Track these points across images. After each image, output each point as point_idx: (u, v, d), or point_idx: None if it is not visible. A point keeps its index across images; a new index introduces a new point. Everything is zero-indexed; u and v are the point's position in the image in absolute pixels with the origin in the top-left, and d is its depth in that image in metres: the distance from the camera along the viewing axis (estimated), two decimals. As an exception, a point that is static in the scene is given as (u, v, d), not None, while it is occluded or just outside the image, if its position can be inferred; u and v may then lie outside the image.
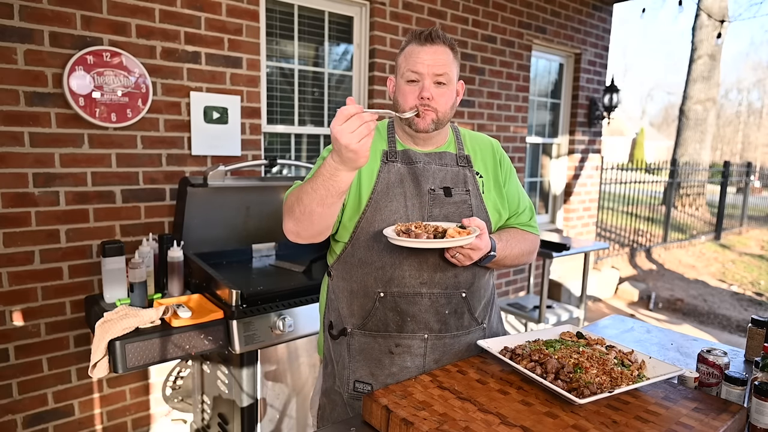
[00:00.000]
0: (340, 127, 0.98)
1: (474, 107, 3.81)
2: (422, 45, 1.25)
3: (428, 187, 1.30)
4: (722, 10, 10.11)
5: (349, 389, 1.33)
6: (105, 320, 1.72)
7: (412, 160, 1.32)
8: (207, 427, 2.28)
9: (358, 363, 1.32)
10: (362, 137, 0.99)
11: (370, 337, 1.30)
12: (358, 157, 1.01)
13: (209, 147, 2.58)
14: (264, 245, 2.58)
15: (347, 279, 1.33)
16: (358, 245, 1.30)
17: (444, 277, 1.29)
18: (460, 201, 1.32)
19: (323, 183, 1.09)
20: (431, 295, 1.28)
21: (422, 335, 1.28)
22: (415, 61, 1.24)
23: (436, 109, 1.26)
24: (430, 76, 1.24)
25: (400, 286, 1.27)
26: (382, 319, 1.29)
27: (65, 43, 2.14)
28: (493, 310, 1.45)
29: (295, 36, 3.00)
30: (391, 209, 1.28)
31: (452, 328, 1.31)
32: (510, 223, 1.45)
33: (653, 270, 6.84)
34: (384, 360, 1.29)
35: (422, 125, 1.27)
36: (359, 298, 1.31)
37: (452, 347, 1.31)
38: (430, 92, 1.24)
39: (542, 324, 3.50)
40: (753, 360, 1.38)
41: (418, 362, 1.29)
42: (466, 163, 1.37)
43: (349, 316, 1.33)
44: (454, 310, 1.31)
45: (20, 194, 2.13)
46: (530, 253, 1.44)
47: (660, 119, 37.82)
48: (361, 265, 1.30)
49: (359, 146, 0.99)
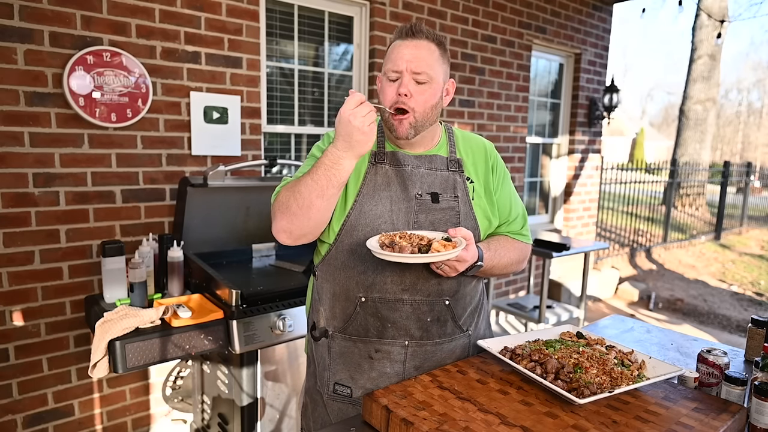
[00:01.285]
0: (353, 110, 1.03)
1: (474, 107, 3.81)
2: (404, 39, 1.21)
3: (415, 192, 1.26)
4: (722, 10, 10.12)
5: (329, 391, 1.32)
6: (105, 320, 1.72)
7: (400, 162, 1.28)
8: (207, 427, 2.28)
9: (338, 366, 1.30)
10: (372, 121, 1.04)
11: (351, 342, 1.28)
12: (367, 140, 1.06)
13: (209, 147, 2.58)
14: (264, 245, 2.58)
15: (330, 281, 1.31)
16: (341, 248, 1.27)
17: (427, 285, 1.25)
18: (448, 208, 1.28)
19: (325, 172, 1.11)
20: (413, 302, 1.25)
21: (403, 342, 1.26)
22: (395, 57, 1.20)
23: (414, 108, 1.19)
24: (408, 72, 1.18)
25: (381, 291, 1.24)
26: (362, 324, 1.27)
27: (65, 43, 2.14)
28: (481, 316, 1.42)
29: (295, 36, 3.00)
30: (375, 213, 1.24)
31: (434, 336, 1.28)
32: (501, 231, 1.40)
33: (653, 270, 6.84)
34: (363, 365, 1.28)
35: (400, 130, 1.22)
36: (341, 301, 1.29)
37: (434, 354, 1.29)
38: (408, 89, 1.18)
39: (542, 324, 3.50)
40: (753, 360, 1.38)
41: (397, 368, 1.27)
42: (457, 168, 1.32)
43: (331, 319, 1.31)
44: (437, 318, 1.28)
45: (20, 194, 2.13)
46: (519, 262, 1.39)
47: (660, 119, 37.83)
48: (343, 268, 1.27)
49: (370, 129, 1.04)
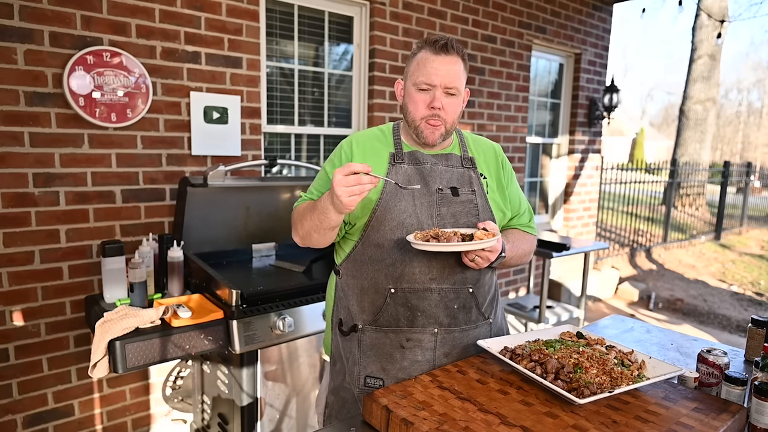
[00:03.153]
0: (340, 177, 1.10)
1: (474, 107, 3.81)
2: (437, 54, 1.27)
3: (436, 187, 1.34)
4: (722, 10, 10.11)
5: (360, 385, 1.35)
6: (105, 320, 1.72)
7: (419, 161, 1.35)
8: (207, 427, 2.28)
9: (369, 359, 1.35)
10: (353, 195, 1.11)
11: (382, 333, 1.33)
12: (343, 207, 1.13)
13: (209, 147, 2.58)
14: (264, 245, 2.58)
15: (357, 276, 1.37)
16: (368, 244, 1.33)
17: (452, 273, 1.32)
18: (467, 201, 1.36)
19: (317, 215, 1.23)
20: (440, 291, 1.31)
21: (432, 329, 1.32)
22: (429, 70, 1.27)
23: (445, 120, 1.30)
24: (441, 87, 1.27)
25: (410, 282, 1.30)
26: (393, 315, 1.32)
27: (65, 43, 2.14)
28: (498, 305, 1.49)
29: (295, 36, 3.00)
30: (400, 208, 1.31)
31: (461, 323, 1.34)
32: (512, 224, 1.51)
33: (653, 270, 6.84)
34: (395, 354, 1.32)
35: (431, 138, 1.32)
36: (370, 294, 1.34)
37: (461, 341, 1.35)
38: (441, 102, 1.28)
39: (542, 324, 3.50)
40: (753, 360, 1.38)
41: (428, 356, 1.32)
42: (471, 165, 1.41)
43: (360, 313, 1.36)
44: (463, 305, 1.34)
45: (20, 194, 2.13)
46: (530, 254, 1.51)
47: (660, 119, 37.82)
48: (371, 263, 1.33)
49: (348, 201, 1.11)
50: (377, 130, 1.44)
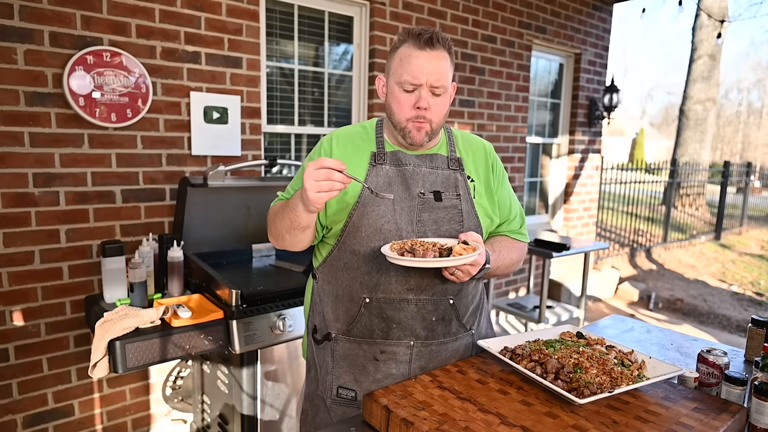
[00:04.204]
0: (311, 170, 1.03)
1: (474, 107, 3.81)
2: (422, 49, 1.16)
3: (418, 191, 1.25)
4: (722, 10, 10.12)
5: (332, 395, 1.29)
6: (105, 320, 1.72)
7: (401, 162, 1.27)
8: (207, 427, 2.28)
9: (342, 369, 1.28)
10: (320, 191, 1.03)
11: (355, 344, 1.27)
12: (310, 204, 1.06)
13: (209, 147, 2.58)
14: (264, 245, 2.58)
15: (332, 283, 1.30)
16: (344, 249, 1.25)
17: (431, 284, 1.24)
18: (451, 206, 1.27)
19: (288, 214, 1.15)
20: (418, 302, 1.24)
21: (408, 342, 1.25)
22: (414, 68, 1.16)
23: (431, 120, 1.21)
24: (427, 86, 1.17)
25: (386, 292, 1.23)
26: (367, 325, 1.25)
27: (65, 43, 2.14)
28: (482, 315, 1.42)
29: (295, 36, 3.00)
30: (378, 213, 1.22)
31: (439, 335, 1.28)
32: (501, 230, 1.41)
33: (653, 270, 6.84)
34: (368, 367, 1.26)
35: (418, 138, 1.22)
36: (344, 302, 1.27)
37: (439, 354, 1.28)
38: (427, 102, 1.18)
39: (542, 324, 3.50)
40: (753, 360, 1.38)
41: (403, 369, 1.26)
42: (458, 167, 1.31)
43: (334, 321, 1.30)
44: (442, 317, 1.27)
45: (20, 194, 2.13)
46: (518, 262, 1.40)
47: (660, 119, 37.81)
48: (346, 270, 1.26)
49: (315, 197, 1.03)
50: (360, 126, 1.35)
